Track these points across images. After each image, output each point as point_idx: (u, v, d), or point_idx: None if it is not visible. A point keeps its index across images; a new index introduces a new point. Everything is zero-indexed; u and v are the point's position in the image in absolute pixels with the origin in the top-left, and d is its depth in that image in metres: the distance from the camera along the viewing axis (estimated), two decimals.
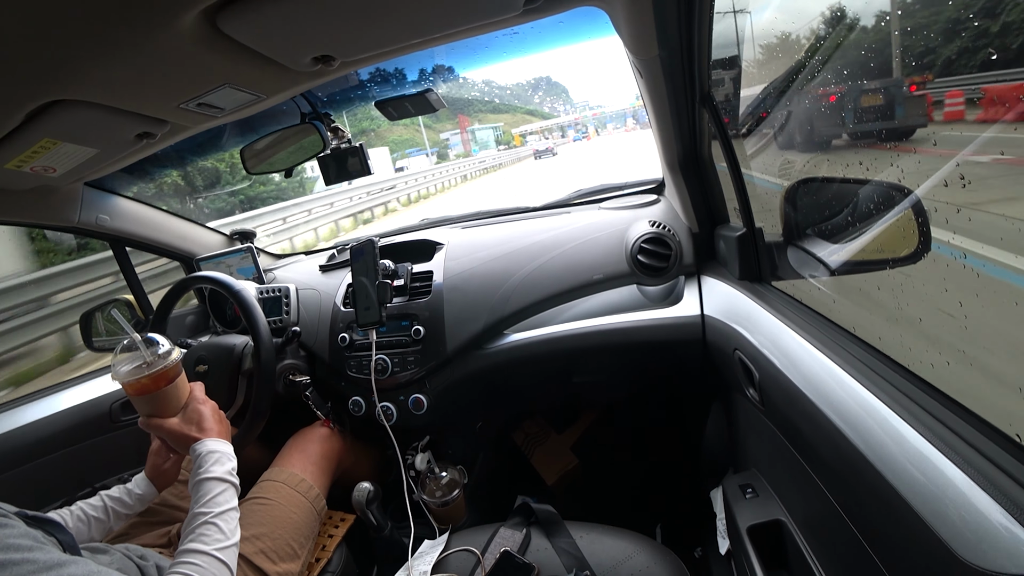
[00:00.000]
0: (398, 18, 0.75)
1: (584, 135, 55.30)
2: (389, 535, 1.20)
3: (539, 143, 44.41)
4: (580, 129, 62.30)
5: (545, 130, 63.10)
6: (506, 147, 50.27)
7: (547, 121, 76.28)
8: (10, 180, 1.09)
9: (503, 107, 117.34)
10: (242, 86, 0.87)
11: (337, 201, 11.12)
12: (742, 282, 1.10)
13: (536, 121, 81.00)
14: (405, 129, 49.27)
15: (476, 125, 66.12)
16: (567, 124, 67.52)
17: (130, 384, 0.87)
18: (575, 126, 64.74)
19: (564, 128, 65.03)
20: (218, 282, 1.25)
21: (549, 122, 73.79)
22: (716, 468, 1.33)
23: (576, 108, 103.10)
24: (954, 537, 0.47)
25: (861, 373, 0.67)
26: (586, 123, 67.57)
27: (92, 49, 0.64)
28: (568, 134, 58.36)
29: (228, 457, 0.89)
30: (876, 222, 0.81)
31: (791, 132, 1.23)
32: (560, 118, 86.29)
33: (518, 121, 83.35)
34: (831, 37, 0.95)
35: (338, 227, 10.57)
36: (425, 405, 1.32)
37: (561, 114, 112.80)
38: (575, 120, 72.79)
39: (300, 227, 9.41)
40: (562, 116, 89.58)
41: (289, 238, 8.95)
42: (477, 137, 57.34)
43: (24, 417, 1.37)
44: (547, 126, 66.65)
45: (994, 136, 0.71)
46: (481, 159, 28.42)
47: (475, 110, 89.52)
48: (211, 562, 0.73)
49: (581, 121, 70.49)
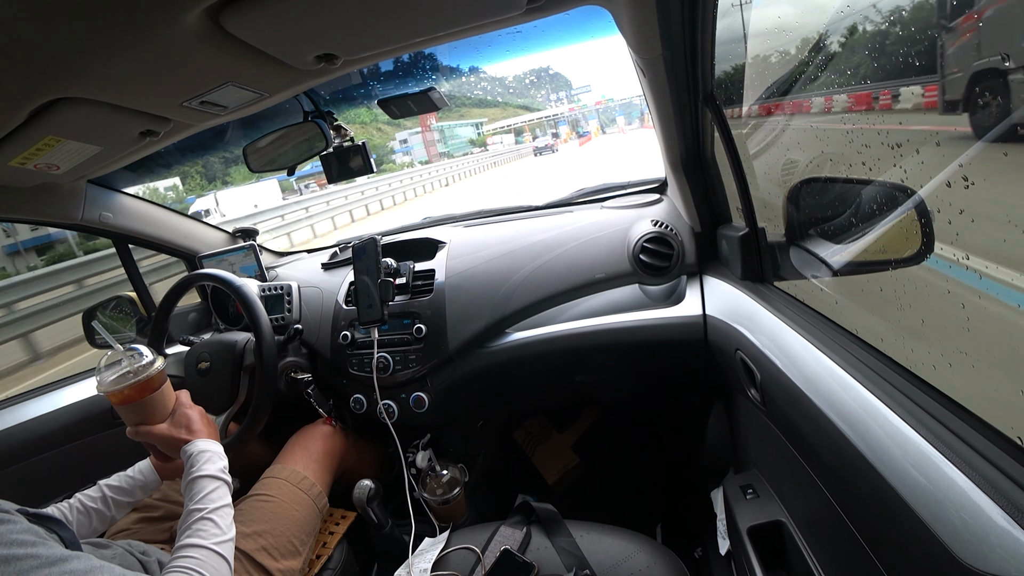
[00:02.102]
0: (401, 17, 0.75)
1: (585, 134, 44.23)
2: (390, 532, 1.20)
3: (507, 145, 40.05)
4: (577, 126, 52.96)
5: (509, 130, 54.39)
6: (482, 149, 44.02)
7: (518, 118, 62.67)
8: (14, 177, 1.09)
9: (490, 101, 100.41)
10: (245, 84, 0.87)
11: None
12: (744, 282, 1.10)
13: (524, 114, 69.84)
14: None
15: (454, 121, 55.41)
16: (552, 122, 55.62)
17: (115, 394, 0.87)
18: (559, 127, 53.00)
19: (548, 124, 53.75)
20: (220, 279, 1.25)
21: (520, 118, 61.12)
22: (717, 468, 1.33)
23: (573, 98, 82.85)
24: (954, 539, 0.47)
25: (863, 374, 0.67)
26: (577, 118, 57.67)
27: (96, 47, 0.64)
28: (557, 134, 46.84)
29: (219, 456, 0.90)
30: (879, 223, 0.81)
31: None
32: (545, 111, 67.19)
33: (508, 115, 72.93)
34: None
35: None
36: (426, 403, 1.32)
37: (552, 104, 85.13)
38: (566, 115, 59.57)
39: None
40: (548, 110, 68.72)
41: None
42: (449, 137, 48.55)
43: (26, 413, 1.38)
44: (516, 124, 56.53)
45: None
46: (428, 171, 20.30)
47: (457, 104, 66.73)
48: (209, 556, 0.74)
49: (574, 115, 59.17)
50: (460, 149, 47.22)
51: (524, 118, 63.10)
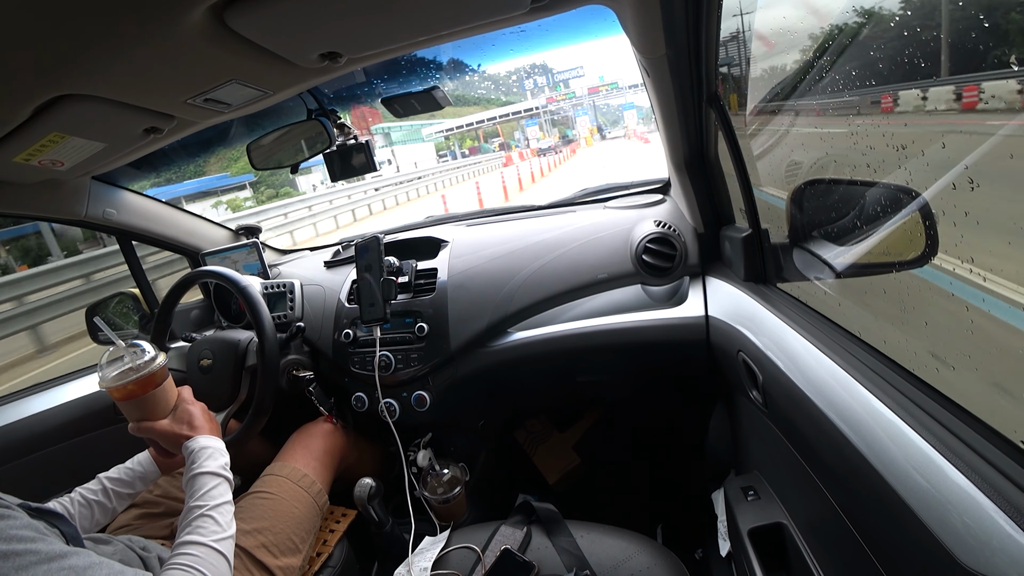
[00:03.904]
0: (405, 15, 0.75)
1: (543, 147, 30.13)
2: (390, 531, 1.20)
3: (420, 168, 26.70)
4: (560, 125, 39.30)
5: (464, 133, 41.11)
6: (449, 156, 34.61)
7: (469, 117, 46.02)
8: (18, 173, 1.09)
9: (472, 97, 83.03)
10: (249, 82, 0.88)
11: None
12: (747, 283, 1.09)
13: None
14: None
15: (408, 122, 34.85)
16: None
17: (117, 390, 0.87)
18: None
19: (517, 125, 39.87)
20: (223, 277, 1.25)
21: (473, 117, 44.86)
22: (718, 470, 1.33)
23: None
24: (956, 542, 0.47)
25: (865, 376, 0.67)
26: (562, 115, 42.51)
27: (100, 44, 0.64)
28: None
29: (221, 453, 0.90)
30: (883, 224, 0.80)
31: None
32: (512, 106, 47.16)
33: (466, 113, 51.53)
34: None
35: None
36: (428, 402, 1.32)
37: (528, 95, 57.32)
38: (541, 109, 42.61)
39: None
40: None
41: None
42: (396, 144, 34.86)
43: (28, 409, 1.39)
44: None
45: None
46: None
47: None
48: (209, 553, 0.74)
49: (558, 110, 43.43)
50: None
51: (470, 119, 45.79)
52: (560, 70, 45.72)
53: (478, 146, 44.89)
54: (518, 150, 33.08)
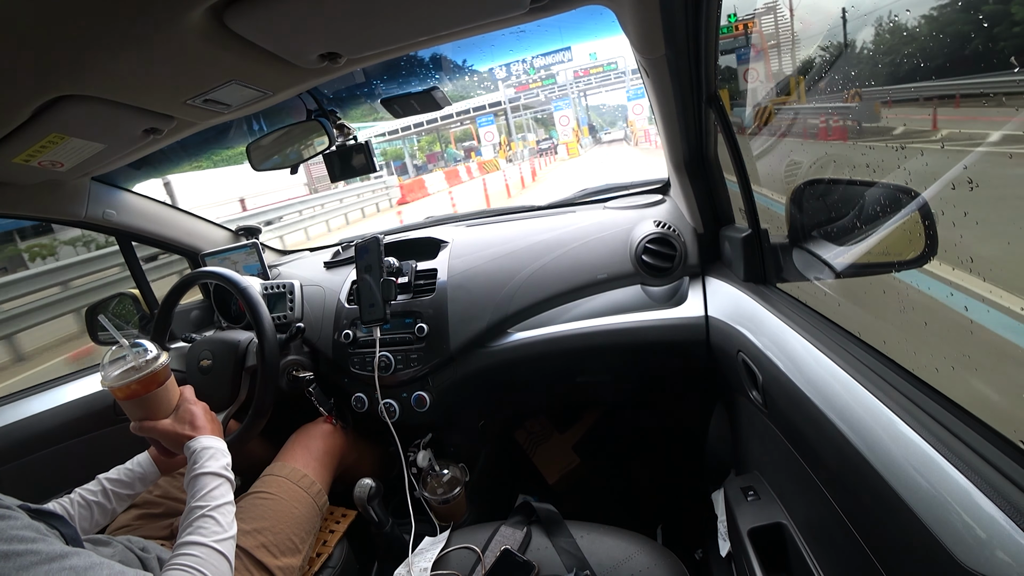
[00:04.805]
0: (404, 16, 0.75)
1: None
2: (390, 531, 1.20)
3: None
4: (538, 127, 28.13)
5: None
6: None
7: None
8: (18, 174, 1.09)
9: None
10: (249, 83, 0.88)
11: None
12: (747, 283, 1.09)
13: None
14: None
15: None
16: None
17: (120, 389, 0.87)
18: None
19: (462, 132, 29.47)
20: (223, 278, 1.25)
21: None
22: (718, 470, 1.33)
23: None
24: (956, 542, 0.47)
25: (865, 376, 0.67)
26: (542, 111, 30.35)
27: (100, 45, 0.64)
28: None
29: (223, 453, 0.90)
30: (882, 224, 0.81)
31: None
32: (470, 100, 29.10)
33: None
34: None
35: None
36: (428, 402, 1.32)
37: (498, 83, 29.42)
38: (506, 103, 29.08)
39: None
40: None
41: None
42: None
43: (28, 409, 1.39)
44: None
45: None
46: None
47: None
48: (210, 553, 0.74)
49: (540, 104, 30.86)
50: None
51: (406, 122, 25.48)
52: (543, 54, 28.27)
53: (440, 152, 34.61)
54: (456, 165, 23.27)
